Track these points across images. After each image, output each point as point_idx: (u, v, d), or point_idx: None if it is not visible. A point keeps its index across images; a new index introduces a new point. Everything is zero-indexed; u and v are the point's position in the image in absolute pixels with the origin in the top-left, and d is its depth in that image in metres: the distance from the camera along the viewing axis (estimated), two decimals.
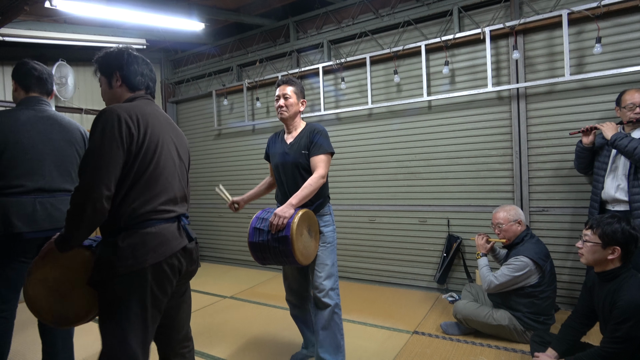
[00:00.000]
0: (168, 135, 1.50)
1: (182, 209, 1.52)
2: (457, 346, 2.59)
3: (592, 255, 1.86)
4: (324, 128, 2.21)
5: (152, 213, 1.38)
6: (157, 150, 1.41)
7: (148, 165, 1.38)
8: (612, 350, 1.72)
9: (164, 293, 1.40)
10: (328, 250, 2.22)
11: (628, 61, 2.87)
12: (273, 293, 3.89)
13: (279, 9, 4.38)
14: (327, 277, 2.18)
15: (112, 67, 1.50)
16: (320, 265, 2.19)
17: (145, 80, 1.54)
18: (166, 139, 1.48)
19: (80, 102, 4.65)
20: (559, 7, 3.11)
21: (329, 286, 2.17)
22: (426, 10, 3.63)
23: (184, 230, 1.48)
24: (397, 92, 3.85)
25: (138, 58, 1.53)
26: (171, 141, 1.51)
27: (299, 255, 1.97)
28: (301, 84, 2.29)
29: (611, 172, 2.56)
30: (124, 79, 1.50)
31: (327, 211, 2.27)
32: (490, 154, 3.42)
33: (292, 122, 2.25)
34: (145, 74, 1.54)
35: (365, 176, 4.07)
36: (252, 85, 4.68)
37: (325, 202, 2.26)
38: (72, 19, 3.87)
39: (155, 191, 1.40)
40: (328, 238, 2.23)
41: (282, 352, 2.63)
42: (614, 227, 1.80)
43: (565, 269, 3.16)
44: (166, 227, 1.41)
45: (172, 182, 1.47)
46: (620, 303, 1.72)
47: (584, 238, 1.90)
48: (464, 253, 3.56)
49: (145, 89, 1.55)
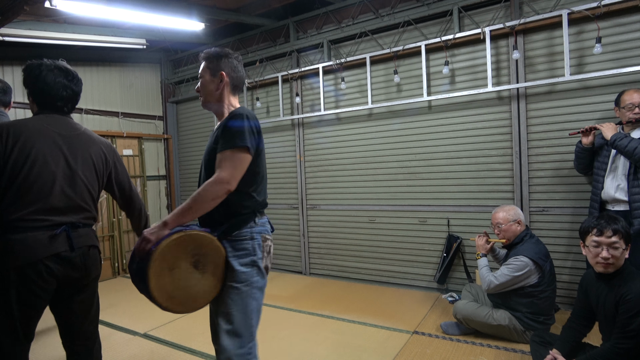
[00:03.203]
0: (54, 148, 1.60)
1: (69, 218, 1.61)
2: (457, 346, 2.60)
3: (622, 259, 1.78)
4: (245, 112, 1.53)
5: (19, 221, 1.51)
6: (28, 162, 1.54)
7: (17, 176, 1.52)
8: (626, 345, 1.69)
9: (32, 294, 1.53)
10: (238, 295, 1.52)
11: (628, 61, 2.87)
12: (273, 293, 3.89)
13: (279, 9, 4.38)
14: (229, 334, 1.51)
15: (25, 85, 1.66)
16: (223, 316, 1.52)
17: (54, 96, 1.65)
18: (47, 152, 1.58)
19: (80, 102, 4.63)
20: (559, 7, 3.11)
21: (232, 350, 1.50)
22: (426, 10, 3.63)
23: (67, 239, 1.58)
24: (397, 92, 3.85)
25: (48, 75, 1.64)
26: (58, 154, 1.61)
27: (160, 298, 1.39)
28: (220, 52, 1.65)
29: (611, 172, 2.56)
30: (31, 96, 1.67)
31: (248, 235, 1.54)
32: (490, 154, 3.42)
33: (215, 107, 1.67)
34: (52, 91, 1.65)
35: (365, 176, 4.07)
36: (252, 85, 4.68)
37: (244, 221, 1.55)
38: (72, 19, 3.87)
39: (25, 200, 1.52)
40: (240, 276, 1.51)
41: (282, 352, 2.63)
42: (624, 225, 1.79)
43: (565, 269, 3.16)
44: (33, 235, 1.52)
45: (50, 193, 1.56)
46: (630, 297, 1.70)
47: (614, 245, 1.76)
48: (464, 253, 3.56)
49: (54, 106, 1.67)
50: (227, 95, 1.65)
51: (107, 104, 4.97)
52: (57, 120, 1.68)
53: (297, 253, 4.62)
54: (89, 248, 1.68)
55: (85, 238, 1.67)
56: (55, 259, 1.55)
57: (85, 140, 1.73)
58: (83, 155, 1.70)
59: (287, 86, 4.55)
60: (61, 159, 1.62)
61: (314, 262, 4.50)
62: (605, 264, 1.78)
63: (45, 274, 1.54)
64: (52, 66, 1.67)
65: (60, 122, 1.68)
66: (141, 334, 3.02)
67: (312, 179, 4.44)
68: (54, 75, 1.66)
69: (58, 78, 1.66)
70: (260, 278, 1.58)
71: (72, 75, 1.72)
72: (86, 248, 1.67)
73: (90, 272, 1.70)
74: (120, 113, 5.08)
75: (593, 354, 1.80)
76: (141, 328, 3.10)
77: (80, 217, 1.66)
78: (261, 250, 1.58)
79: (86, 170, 1.70)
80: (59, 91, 1.67)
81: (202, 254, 1.47)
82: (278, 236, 4.74)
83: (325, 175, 4.34)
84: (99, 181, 1.76)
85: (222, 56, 1.65)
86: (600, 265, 1.80)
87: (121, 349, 2.77)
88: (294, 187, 4.58)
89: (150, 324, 3.14)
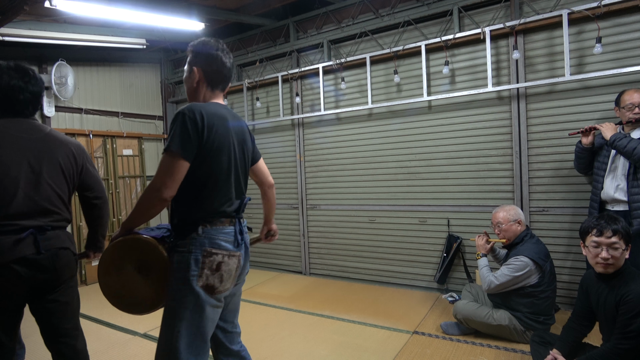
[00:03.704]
0: (16, 153, 1.60)
1: (36, 221, 1.62)
2: (457, 346, 2.59)
3: (622, 260, 1.78)
4: (186, 110, 1.39)
5: None
6: None
7: None
8: (626, 346, 1.69)
9: (1, 296, 1.57)
10: (167, 312, 1.41)
11: (628, 61, 2.87)
12: (273, 293, 3.89)
13: (279, 9, 4.38)
14: (159, 353, 1.41)
15: None
16: (161, 329, 1.44)
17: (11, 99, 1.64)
18: (8, 158, 1.58)
19: (80, 102, 4.65)
20: (559, 7, 3.11)
21: None
22: (426, 10, 3.63)
23: (34, 242, 1.59)
24: (397, 92, 3.85)
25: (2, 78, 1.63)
26: (21, 159, 1.61)
27: (107, 295, 1.49)
28: (198, 45, 1.55)
29: (610, 172, 2.56)
30: None
31: (185, 248, 1.41)
32: (490, 154, 3.42)
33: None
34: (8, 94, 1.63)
35: (365, 176, 4.07)
36: (252, 85, 4.68)
37: (183, 232, 1.44)
38: (72, 19, 3.87)
39: None
40: (170, 291, 1.41)
41: (282, 352, 2.63)
42: (625, 225, 1.79)
43: (565, 269, 3.15)
44: None
45: (13, 198, 1.57)
46: (631, 297, 1.70)
47: (614, 246, 1.76)
48: (464, 253, 3.56)
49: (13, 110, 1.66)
50: (202, 91, 1.56)
51: (107, 104, 4.97)
52: (20, 123, 1.66)
53: (297, 253, 4.62)
54: (58, 250, 1.68)
55: (54, 240, 1.67)
56: (22, 262, 1.57)
57: (51, 142, 1.71)
58: (49, 157, 1.68)
59: (287, 86, 4.55)
60: (24, 163, 1.61)
61: (314, 262, 4.50)
62: (604, 265, 1.78)
63: (12, 277, 1.56)
64: (5, 68, 1.65)
65: (23, 126, 1.67)
66: (141, 334, 3.01)
67: (312, 179, 4.44)
68: (8, 78, 1.64)
69: (13, 81, 1.64)
70: (193, 298, 1.38)
71: (30, 76, 1.69)
72: (55, 250, 1.67)
73: (61, 274, 1.70)
74: (120, 113, 5.08)
75: (593, 355, 1.80)
76: (141, 328, 3.10)
77: (48, 220, 1.66)
78: (199, 266, 1.38)
79: (53, 173, 1.69)
80: (15, 94, 1.65)
81: (144, 260, 1.44)
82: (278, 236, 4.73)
83: (325, 175, 4.34)
84: (68, 183, 1.75)
85: (199, 51, 1.54)
86: (600, 266, 1.80)
87: (121, 349, 2.77)
88: (294, 187, 4.58)
89: (150, 324, 3.13)
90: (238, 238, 1.48)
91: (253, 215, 4.72)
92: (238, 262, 1.49)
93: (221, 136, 1.44)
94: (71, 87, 4.31)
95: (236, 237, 1.48)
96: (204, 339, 1.43)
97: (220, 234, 1.45)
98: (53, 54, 4.27)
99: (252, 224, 2.58)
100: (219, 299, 1.46)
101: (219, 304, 1.47)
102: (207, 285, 1.40)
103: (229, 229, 1.47)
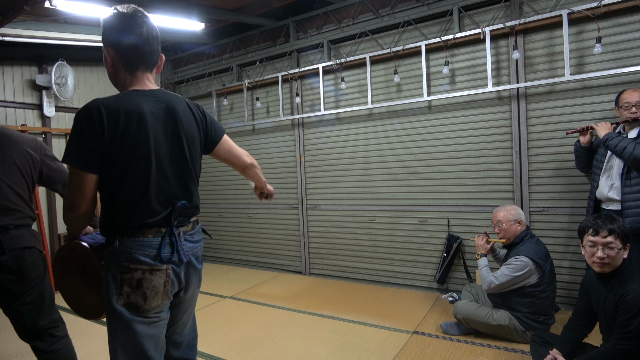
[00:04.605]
0: None
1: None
2: (457, 346, 2.59)
3: (619, 259, 1.78)
4: (82, 109, 1.19)
5: None
6: None
7: None
8: (625, 346, 1.69)
9: None
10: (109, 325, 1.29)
11: (628, 61, 2.87)
12: (273, 293, 3.89)
13: (279, 9, 4.38)
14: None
15: None
16: None
17: None
18: None
19: (80, 102, 4.65)
20: (559, 7, 3.11)
21: None
22: (426, 10, 3.63)
23: None
24: (397, 92, 3.85)
25: None
26: None
27: (64, 298, 1.48)
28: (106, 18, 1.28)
29: (606, 171, 2.57)
30: None
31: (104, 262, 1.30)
32: (490, 154, 3.42)
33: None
34: None
35: (365, 176, 4.07)
36: (252, 85, 4.68)
37: (106, 242, 1.32)
38: (72, 19, 3.87)
39: None
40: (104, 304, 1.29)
41: (282, 352, 2.63)
42: (622, 225, 1.79)
43: (565, 269, 3.16)
44: None
45: None
46: (630, 297, 1.70)
47: (610, 245, 1.75)
48: (464, 253, 3.56)
49: None
50: (121, 75, 1.30)
51: None
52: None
53: (297, 253, 4.62)
54: (23, 249, 1.66)
55: (19, 240, 1.65)
56: None
57: (5, 141, 1.70)
58: (3, 157, 1.68)
59: (287, 86, 4.55)
60: None
61: (314, 262, 4.50)
62: (601, 264, 1.79)
63: None
64: None
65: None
66: None
67: (312, 179, 4.44)
68: None
69: None
70: (116, 317, 1.24)
71: None
72: (20, 250, 1.65)
73: (28, 274, 1.69)
74: None
75: (592, 355, 1.80)
76: None
77: (10, 219, 1.65)
78: (117, 284, 1.23)
79: (8, 172, 1.68)
80: None
81: (83, 267, 1.39)
82: (278, 236, 4.75)
83: (325, 175, 4.34)
84: (27, 181, 1.74)
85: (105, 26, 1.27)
86: (597, 265, 1.81)
87: None
88: (294, 187, 4.58)
89: None
90: (164, 251, 1.26)
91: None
92: (166, 277, 1.27)
93: (133, 134, 1.20)
94: (71, 87, 4.31)
95: (160, 249, 1.26)
96: (147, 356, 1.27)
97: (139, 247, 1.24)
98: (53, 54, 4.27)
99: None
100: (149, 317, 1.27)
101: (153, 320, 1.28)
102: (130, 304, 1.24)
103: (152, 241, 1.26)
